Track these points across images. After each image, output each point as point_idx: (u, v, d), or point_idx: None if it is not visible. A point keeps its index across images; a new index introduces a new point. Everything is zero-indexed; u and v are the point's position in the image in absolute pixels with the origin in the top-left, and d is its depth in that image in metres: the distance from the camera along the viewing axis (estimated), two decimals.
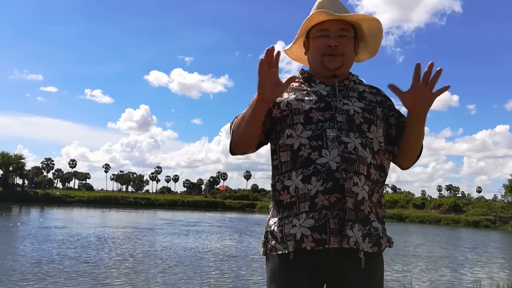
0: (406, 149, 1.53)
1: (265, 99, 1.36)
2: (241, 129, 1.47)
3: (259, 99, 1.36)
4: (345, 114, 1.47)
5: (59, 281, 8.13)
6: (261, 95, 1.35)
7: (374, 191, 1.46)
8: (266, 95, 1.35)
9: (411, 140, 1.49)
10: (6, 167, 53.83)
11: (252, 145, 1.52)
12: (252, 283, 8.84)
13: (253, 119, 1.41)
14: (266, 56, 1.31)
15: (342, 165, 1.38)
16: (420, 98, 1.37)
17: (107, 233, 17.71)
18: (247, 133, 1.46)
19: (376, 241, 1.43)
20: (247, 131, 1.46)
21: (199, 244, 15.52)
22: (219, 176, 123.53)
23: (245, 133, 1.47)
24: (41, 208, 38.55)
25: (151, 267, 10.06)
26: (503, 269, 13.38)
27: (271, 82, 1.34)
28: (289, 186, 1.44)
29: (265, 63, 1.32)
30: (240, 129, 1.47)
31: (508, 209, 43.89)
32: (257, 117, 1.41)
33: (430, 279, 10.62)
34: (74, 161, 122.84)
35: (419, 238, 24.01)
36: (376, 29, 1.58)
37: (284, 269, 1.43)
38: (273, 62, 1.33)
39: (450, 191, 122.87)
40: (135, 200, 56.95)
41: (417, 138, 1.48)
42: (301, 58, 1.72)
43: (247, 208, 58.23)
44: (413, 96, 1.37)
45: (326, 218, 1.36)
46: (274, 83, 1.34)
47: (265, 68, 1.32)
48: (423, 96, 1.36)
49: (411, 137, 1.48)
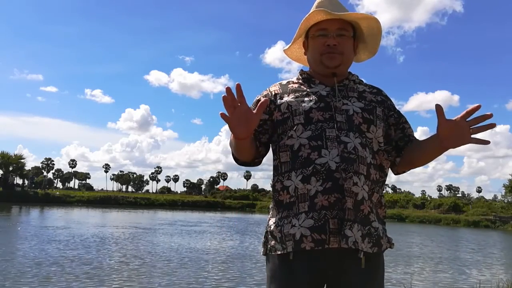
0: (412, 162, 1.54)
1: (242, 138, 1.34)
2: (235, 151, 1.51)
3: (236, 138, 1.36)
4: (345, 114, 1.46)
5: (59, 282, 8.12)
6: (236, 136, 1.34)
7: (374, 191, 1.46)
8: (241, 134, 1.32)
9: (423, 157, 1.50)
10: (6, 167, 53.83)
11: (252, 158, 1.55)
12: (252, 283, 8.83)
13: (240, 149, 1.45)
14: (227, 99, 1.26)
15: (342, 165, 1.38)
16: (458, 134, 1.31)
17: (107, 233, 17.70)
18: (241, 154, 1.50)
19: (376, 241, 1.43)
20: (242, 154, 1.50)
21: (199, 244, 15.52)
22: (219, 176, 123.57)
23: (241, 155, 1.51)
24: (41, 208, 38.55)
25: (151, 267, 10.05)
26: (503, 269, 13.37)
27: (241, 119, 1.29)
28: (288, 186, 1.44)
29: (228, 106, 1.27)
30: (235, 151, 1.51)
31: (508, 209, 43.86)
32: (243, 148, 1.44)
33: (430, 279, 10.62)
34: (74, 161, 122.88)
35: (419, 238, 24.00)
36: (375, 28, 1.58)
37: (284, 269, 1.43)
38: (237, 97, 1.28)
39: (450, 191, 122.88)
40: (135, 200, 56.92)
41: (430, 157, 1.49)
42: (301, 59, 1.72)
43: (247, 208, 58.20)
44: (453, 128, 1.31)
45: (325, 218, 1.36)
46: (244, 119, 1.29)
47: (230, 110, 1.27)
48: (462, 135, 1.31)
49: (425, 155, 1.49)
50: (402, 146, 1.55)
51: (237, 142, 1.39)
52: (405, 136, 1.55)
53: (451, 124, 1.31)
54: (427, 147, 1.46)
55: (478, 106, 1.28)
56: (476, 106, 1.28)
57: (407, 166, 1.56)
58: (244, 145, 1.42)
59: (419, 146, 1.51)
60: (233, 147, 1.48)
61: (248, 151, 1.48)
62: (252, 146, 1.48)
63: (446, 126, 1.31)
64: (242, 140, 1.36)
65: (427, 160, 1.50)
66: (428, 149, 1.46)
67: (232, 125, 1.29)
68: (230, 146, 1.53)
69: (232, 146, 1.48)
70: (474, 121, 1.30)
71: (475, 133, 1.31)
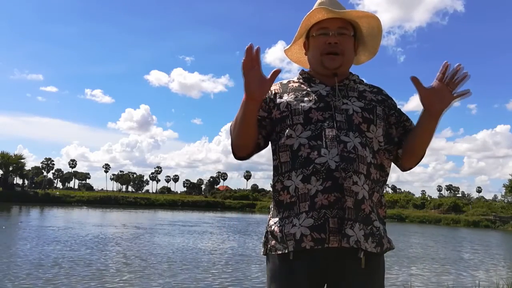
0: (412, 148, 1.51)
1: (254, 98, 1.37)
2: (236, 130, 1.48)
3: (248, 98, 1.37)
4: (345, 113, 1.46)
5: (59, 282, 8.12)
6: (249, 95, 1.36)
7: (375, 190, 1.46)
8: (254, 93, 1.36)
9: (421, 137, 1.47)
10: (6, 167, 53.87)
11: (251, 146, 1.52)
12: (252, 283, 8.83)
13: (245, 119, 1.42)
14: (247, 55, 1.32)
15: (341, 164, 1.38)
16: (439, 97, 1.36)
17: (107, 234, 17.70)
18: (243, 134, 1.47)
19: (379, 241, 1.42)
20: (243, 132, 1.47)
21: (199, 244, 15.53)
22: (219, 176, 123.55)
23: (241, 134, 1.48)
24: (41, 208, 38.56)
25: (151, 268, 10.06)
26: (503, 269, 13.38)
27: (256, 80, 1.34)
28: (289, 186, 1.44)
29: (247, 62, 1.33)
30: (236, 131, 1.48)
31: (508, 209, 43.92)
32: (249, 116, 1.42)
33: (430, 279, 10.62)
34: (74, 161, 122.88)
35: (419, 238, 24.00)
36: (375, 27, 1.58)
37: (284, 269, 1.43)
38: (255, 59, 1.34)
39: (450, 191, 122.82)
40: (135, 200, 56.97)
41: (427, 135, 1.46)
42: (301, 60, 1.72)
43: (247, 208, 58.22)
44: (433, 94, 1.37)
45: (325, 217, 1.36)
46: (259, 80, 1.35)
47: (248, 67, 1.33)
48: (443, 96, 1.36)
49: (422, 134, 1.47)
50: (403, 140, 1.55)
51: (247, 105, 1.38)
52: (406, 132, 1.55)
53: (430, 90, 1.37)
54: (420, 124, 1.46)
55: (445, 63, 1.35)
56: (444, 63, 1.35)
57: (410, 155, 1.54)
58: (252, 112, 1.41)
59: (414, 129, 1.51)
60: (238, 123, 1.45)
61: (253, 126, 1.46)
62: (256, 120, 1.46)
63: (426, 93, 1.37)
64: (254, 101, 1.37)
65: (424, 139, 1.47)
66: (420, 125, 1.46)
67: (248, 81, 1.34)
68: (233, 129, 1.50)
69: (238, 122, 1.45)
70: (449, 79, 1.35)
71: (454, 89, 1.36)
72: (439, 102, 1.37)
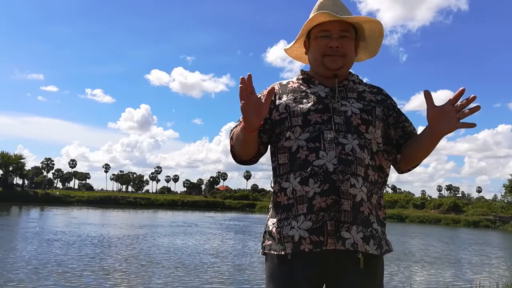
0: (410, 157, 1.53)
1: (254, 130, 1.38)
2: (238, 146, 1.51)
3: (248, 131, 1.38)
4: (343, 115, 1.46)
5: (59, 282, 8.12)
6: (249, 128, 1.37)
7: (373, 192, 1.46)
8: (254, 126, 1.36)
9: (417, 152, 1.49)
10: (6, 167, 53.82)
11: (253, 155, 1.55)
12: (251, 283, 8.84)
13: (246, 142, 1.45)
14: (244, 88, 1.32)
15: (339, 166, 1.38)
16: (447, 118, 1.34)
17: (106, 234, 17.69)
18: (245, 151, 1.51)
19: (379, 243, 1.43)
20: (244, 150, 1.51)
21: (199, 244, 15.52)
22: (219, 176, 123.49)
23: (244, 152, 1.51)
24: (41, 208, 38.55)
25: (151, 267, 10.05)
26: (503, 269, 13.37)
27: (254, 109, 1.34)
28: (286, 188, 1.44)
29: (244, 95, 1.32)
30: (238, 146, 1.51)
31: (508, 209, 43.91)
32: (250, 141, 1.45)
33: (429, 279, 10.62)
34: (74, 161, 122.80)
35: (419, 238, 24.00)
36: (377, 31, 1.58)
37: (283, 269, 1.43)
38: (249, 85, 1.33)
39: (450, 191, 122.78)
40: (135, 200, 56.90)
41: (425, 152, 1.48)
42: (301, 57, 1.72)
43: (247, 208, 58.22)
44: (441, 114, 1.34)
45: (323, 220, 1.36)
46: (257, 109, 1.34)
47: (247, 95, 1.33)
48: (450, 119, 1.34)
49: (418, 150, 1.48)
50: (403, 143, 1.55)
51: (246, 135, 1.40)
52: (405, 134, 1.55)
53: (439, 110, 1.35)
54: (421, 137, 1.46)
55: (462, 90, 1.32)
56: (461, 90, 1.32)
57: (408, 162, 1.55)
58: (252, 138, 1.43)
59: (415, 139, 1.51)
60: (238, 142, 1.48)
61: (254, 146, 1.49)
62: (256, 142, 1.49)
63: (434, 112, 1.36)
64: (253, 132, 1.39)
65: (423, 152, 1.48)
66: (422, 138, 1.45)
67: (248, 115, 1.33)
68: (233, 143, 1.53)
69: (238, 141, 1.48)
70: (460, 106, 1.33)
71: (462, 118, 1.34)
72: (445, 124, 1.34)
